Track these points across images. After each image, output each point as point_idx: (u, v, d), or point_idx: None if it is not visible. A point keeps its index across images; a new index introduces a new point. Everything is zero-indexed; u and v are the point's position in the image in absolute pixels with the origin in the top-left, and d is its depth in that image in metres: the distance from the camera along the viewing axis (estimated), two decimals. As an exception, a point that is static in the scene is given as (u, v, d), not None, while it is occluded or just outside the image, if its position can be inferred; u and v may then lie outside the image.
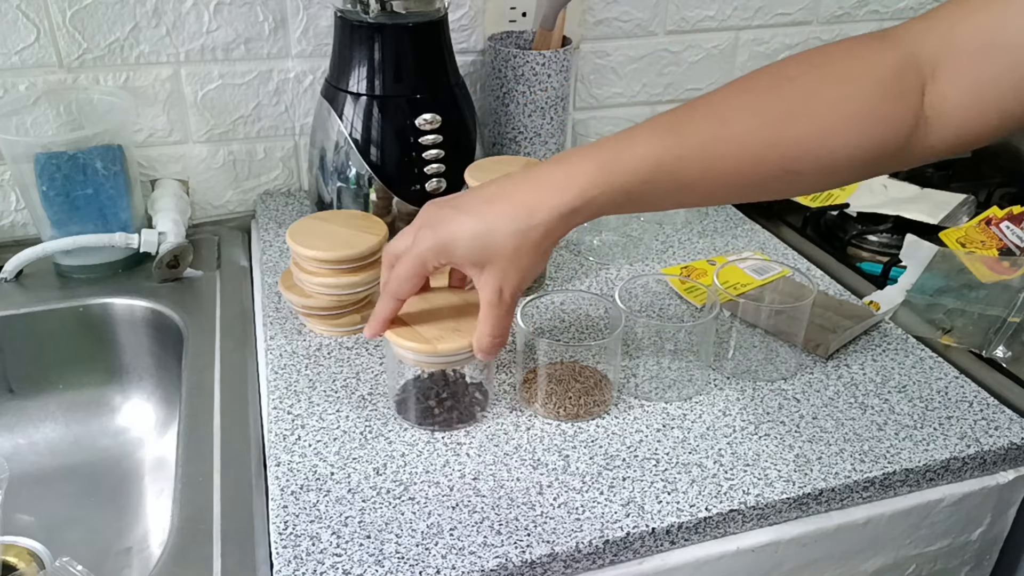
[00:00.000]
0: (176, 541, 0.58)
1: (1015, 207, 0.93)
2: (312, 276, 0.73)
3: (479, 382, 0.69)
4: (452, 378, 0.68)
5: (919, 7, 1.17)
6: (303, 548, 0.56)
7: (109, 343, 0.86)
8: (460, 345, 0.61)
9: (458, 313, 0.65)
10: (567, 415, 0.67)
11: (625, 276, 0.88)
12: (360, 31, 0.83)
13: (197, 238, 0.95)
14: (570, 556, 0.56)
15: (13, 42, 0.87)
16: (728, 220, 1.00)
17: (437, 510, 0.59)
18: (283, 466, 0.63)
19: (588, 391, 0.68)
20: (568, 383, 0.68)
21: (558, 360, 0.69)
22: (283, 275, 0.78)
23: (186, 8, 0.91)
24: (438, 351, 0.61)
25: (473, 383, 0.69)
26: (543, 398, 0.68)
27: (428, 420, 0.66)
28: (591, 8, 1.04)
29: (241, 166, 1.01)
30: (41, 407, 0.86)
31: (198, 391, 0.73)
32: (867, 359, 0.76)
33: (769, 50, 1.14)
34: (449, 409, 0.66)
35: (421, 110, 0.84)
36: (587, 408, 0.67)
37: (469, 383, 0.68)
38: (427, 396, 0.67)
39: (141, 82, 0.93)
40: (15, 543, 0.63)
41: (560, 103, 0.99)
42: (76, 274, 0.88)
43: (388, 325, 0.63)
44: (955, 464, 0.65)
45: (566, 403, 0.67)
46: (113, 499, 0.80)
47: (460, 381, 0.68)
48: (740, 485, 0.61)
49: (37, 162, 0.83)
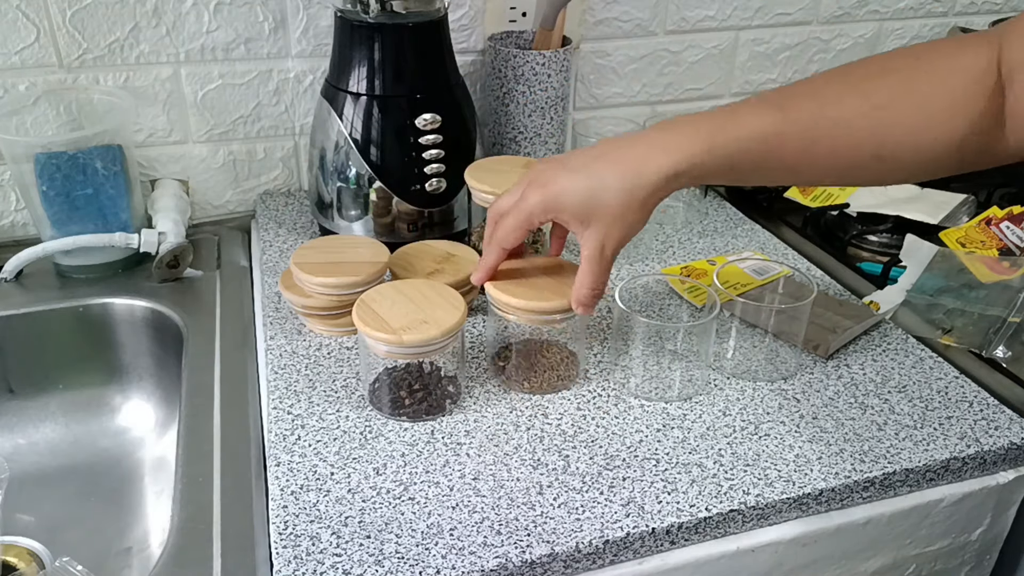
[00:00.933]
0: (176, 541, 0.58)
1: (1015, 207, 0.93)
2: (312, 276, 0.73)
3: (453, 375, 0.69)
4: (428, 370, 0.69)
5: (919, 7, 1.17)
6: (303, 548, 0.56)
7: (109, 343, 0.86)
8: (427, 336, 0.63)
9: (430, 305, 0.66)
10: (531, 388, 0.70)
11: (625, 276, 0.88)
12: (360, 31, 0.83)
13: (197, 238, 0.95)
14: (570, 556, 0.56)
15: (13, 42, 0.87)
16: (728, 220, 1.00)
17: (437, 510, 0.59)
18: (283, 466, 0.63)
19: (554, 366, 0.71)
20: (535, 358, 0.71)
21: (527, 336, 0.72)
22: (283, 275, 0.78)
23: (186, 8, 0.91)
24: (404, 342, 0.63)
25: (448, 376, 0.69)
26: (511, 371, 0.71)
27: (399, 410, 0.67)
28: (591, 8, 1.04)
29: (241, 166, 1.01)
30: (41, 407, 0.86)
31: (198, 391, 0.73)
32: (867, 359, 0.76)
33: (769, 50, 1.14)
34: (420, 400, 0.67)
35: (421, 110, 0.84)
36: (551, 382, 0.70)
37: (443, 376, 0.69)
38: (399, 386, 0.68)
39: (141, 82, 0.93)
40: (15, 543, 0.63)
41: (560, 103, 0.99)
42: (76, 274, 0.88)
43: (493, 274, 0.68)
44: (955, 464, 0.65)
45: (531, 376, 0.70)
46: (113, 499, 0.80)
47: (435, 374, 0.69)
48: (740, 485, 0.61)
49: (37, 162, 0.83)
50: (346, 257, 0.76)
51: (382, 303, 0.67)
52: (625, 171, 0.59)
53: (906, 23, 1.19)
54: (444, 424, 0.67)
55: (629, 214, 0.60)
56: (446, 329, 0.64)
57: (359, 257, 0.76)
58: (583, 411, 0.69)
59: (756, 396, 0.71)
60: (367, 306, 0.66)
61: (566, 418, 0.68)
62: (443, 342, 0.64)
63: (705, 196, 1.00)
